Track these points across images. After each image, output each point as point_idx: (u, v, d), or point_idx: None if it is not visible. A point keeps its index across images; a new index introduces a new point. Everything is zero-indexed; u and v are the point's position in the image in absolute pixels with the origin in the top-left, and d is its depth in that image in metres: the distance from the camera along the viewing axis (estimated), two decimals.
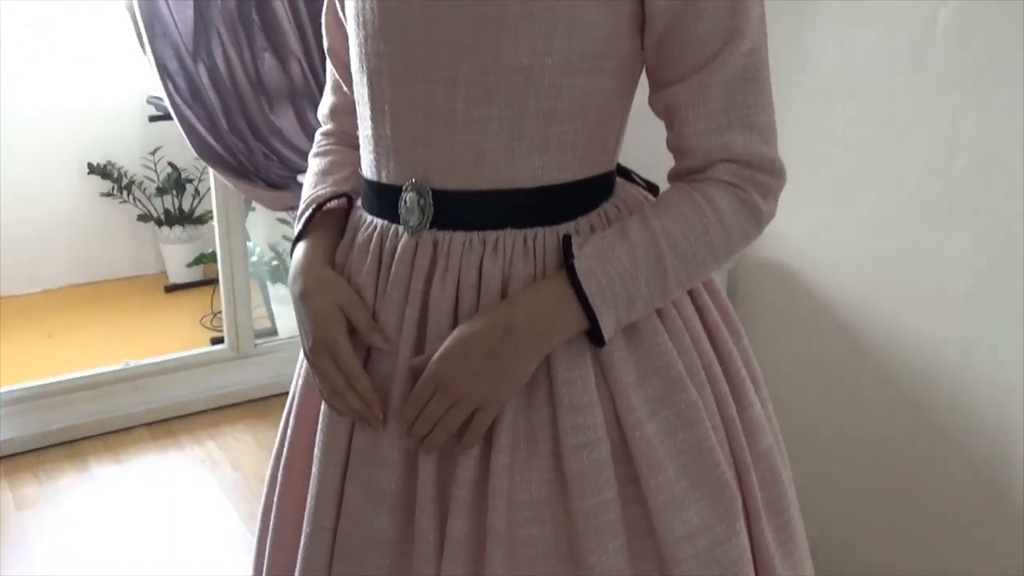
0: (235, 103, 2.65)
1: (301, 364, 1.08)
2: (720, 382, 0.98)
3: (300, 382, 1.07)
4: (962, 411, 1.64)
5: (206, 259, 4.02)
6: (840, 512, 1.89)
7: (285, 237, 3.45)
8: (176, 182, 4.13)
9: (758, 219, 0.91)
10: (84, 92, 4.03)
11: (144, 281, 4.33)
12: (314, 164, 1.10)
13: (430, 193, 0.91)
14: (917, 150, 1.62)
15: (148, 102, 3.76)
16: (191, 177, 4.15)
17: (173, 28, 2.52)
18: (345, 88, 1.10)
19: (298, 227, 1.02)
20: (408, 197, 0.92)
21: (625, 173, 1.02)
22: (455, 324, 0.90)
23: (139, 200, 4.17)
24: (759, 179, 0.89)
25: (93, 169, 4.07)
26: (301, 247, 1.00)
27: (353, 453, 0.96)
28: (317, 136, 1.14)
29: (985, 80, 1.50)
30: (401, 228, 0.94)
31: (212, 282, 3.83)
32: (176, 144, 3.38)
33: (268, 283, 3.40)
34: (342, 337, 0.93)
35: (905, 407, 1.74)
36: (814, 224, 1.83)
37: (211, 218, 3.77)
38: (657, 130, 0.95)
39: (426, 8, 0.87)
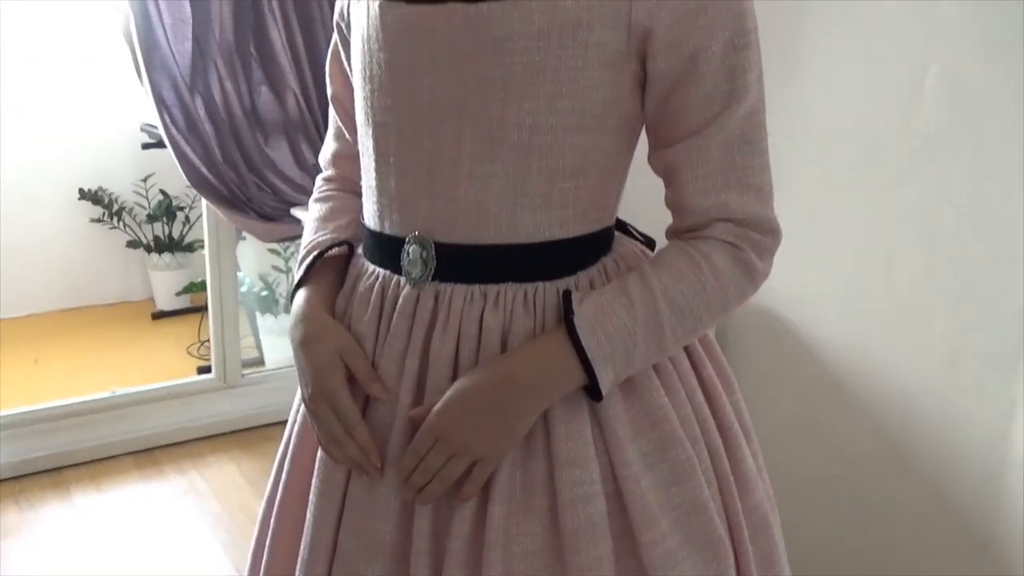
0: (230, 135, 2.67)
1: (298, 407, 1.08)
2: (714, 436, 0.99)
3: (296, 427, 1.07)
4: (947, 460, 1.66)
5: (196, 288, 4.01)
6: (828, 560, 1.90)
7: (275, 267, 3.46)
8: (167, 209, 4.13)
9: (754, 278, 0.92)
10: (79, 118, 4.04)
11: (131, 307, 4.32)
12: (315, 209, 1.11)
13: (433, 246, 0.92)
14: (905, 205, 1.65)
15: (142, 129, 3.77)
16: (182, 205, 4.15)
17: (171, 60, 2.54)
18: (347, 135, 1.12)
19: (299, 274, 1.03)
20: (411, 250, 0.93)
21: (623, 227, 1.03)
22: (455, 376, 0.91)
23: (129, 226, 4.17)
24: (755, 238, 0.91)
25: (84, 195, 4.07)
26: (302, 294, 1.00)
27: (348, 502, 0.97)
28: (318, 181, 1.16)
29: (972, 139, 1.53)
30: (403, 279, 0.95)
31: (199, 310, 3.82)
32: (168, 171, 3.39)
33: (257, 313, 3.40)
34: (342, 386, 0.94)
35: (892, 456, 1.76)
36: (804, 274, 1.86)
37: (200, 246, 3.77)
38: (654, 187, 0.97)
39: (433, 67, 0.88)
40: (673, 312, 0.89)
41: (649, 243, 1.03)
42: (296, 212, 2.68)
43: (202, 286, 3.45)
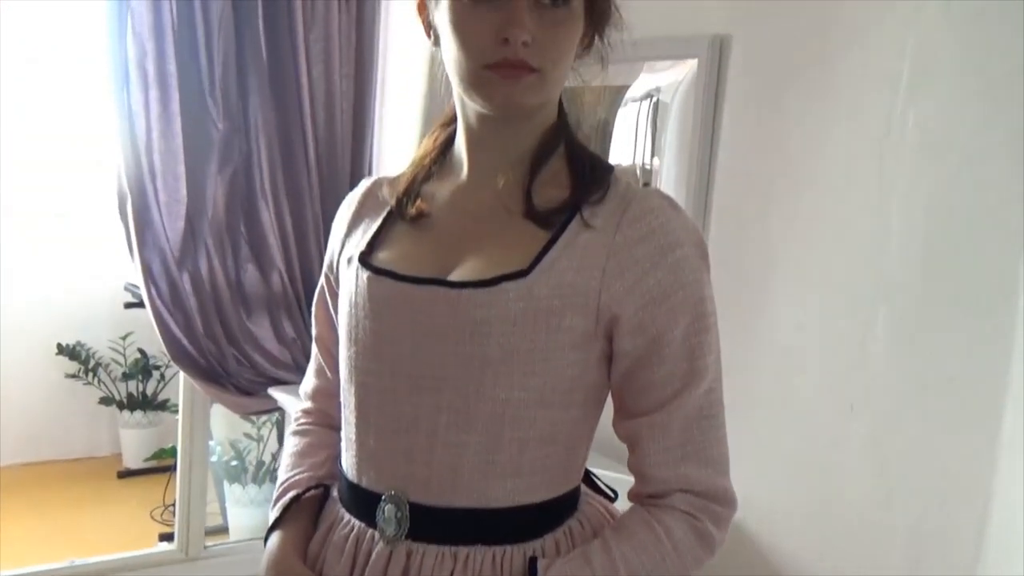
0: (213, 308, 2.72)
1: None
2: None
3: None
4: None
5: (166, 454, 3.98)
6: None
7: (246, 434, 3.45)
8: (143, 368, 4.15)
9: (711, 546, 0.97)
10: (64, 274, 4.10)
11: (97, 464, 4.27)
12: (291, 443, 1.15)
13: (407, 506, 0.96)
14: (855, 439, 1.71)
15: (126, 289, 3.83)
16: (159, 364, 4.17)
17: (163, 237, 2.62)
18: (328, 372, 1.17)
19: (275, 515, 1.06)
20: (387, 508, 0.97)
21: (588, 477, 1.08)
22: None
23: (104, 383, 4.17)
24: (713, 509, 0.96)
25: (62, 350, 4.09)
26: (275, 538, 1.03)
27: None
28: (297, 413, 1.20)
29: (915, 379, 1.61)
30: (377, 534, 0.98)
31: (167, 469, 3.79)
32: (147, 330, 3.40)
33: (225, 482, 3.37)
34: None
35: None
36: (770, 489, 1.90)
37: (173, 406, 3.77)
38: None
39: (415, 341, 0.95)
40: None
41: (613, 497, 1.08)
42: (273, 392, 2.71)
43: (172, 452, 3.44)
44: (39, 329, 4.10)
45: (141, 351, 4.16)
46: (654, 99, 2.19)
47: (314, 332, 1.18)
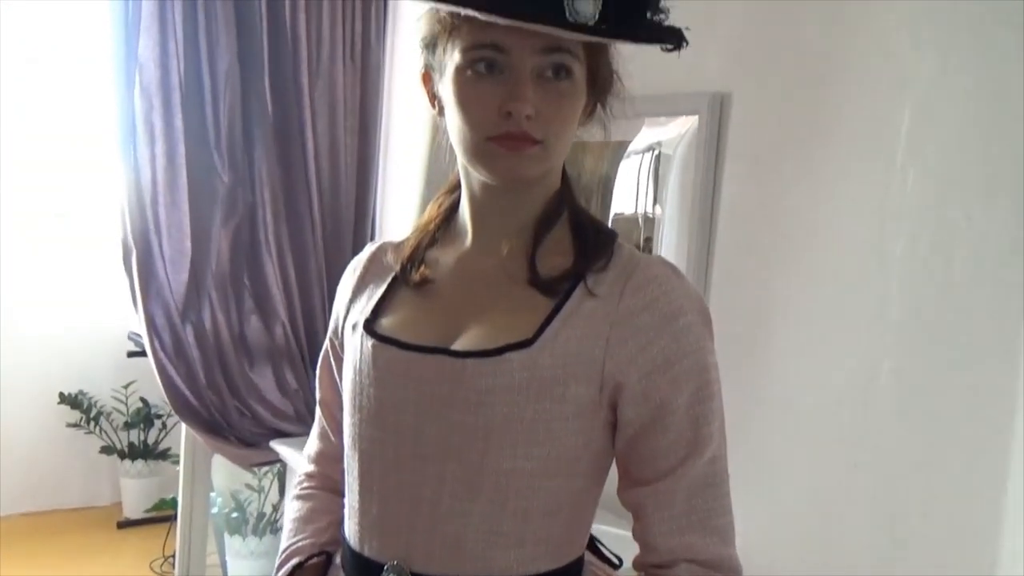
0: (216, 360, 2.73)
1: None
2: None
3: None
4: None
5: (166, 505, 3.96)
6: None
7: (247, 485, 3.44)
8: (145, 417, 4.14)
9: None
10: (67, 323, 4.11)
11: (97, 514, 4.23)
12: (294, 507, 1.15)
13: None
14: (859, 490, 1.70)
15: (129, 337, 3.84)
16: (160, 413, 4.16)
17: (167, 289, 2.64)
18: (331, 436, 1.17)
19: None
20: None
21: (592, 543, 1.07)
22: None
23: (105, 431, 4.16)
24: None
25: (64, 399, 4.08)
26: None
27: None
28: (300, 476, 1.20)
29: (921, 430, 1.60)
30: None
31: (167, 520, 3.76)
32: (150, 378, 3.41)
33: (225, 534, 3.35)
34: None
35: None
36: (775, 547, 1.88)
37: (174, 455, 3.76)
38: None
39: (420, 410, 0.95)
40: None
41: (617, 564, 1.07)
42: (275, 445, 2.70)
43: (172, 503, 3.42)
44: (41, 378, 4.09)
45: (143, 400, 4.15)
46: (656, 152, 2.21)
47: (318, 395, 1.19)
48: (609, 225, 2.18)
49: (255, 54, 2.61)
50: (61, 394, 4.09)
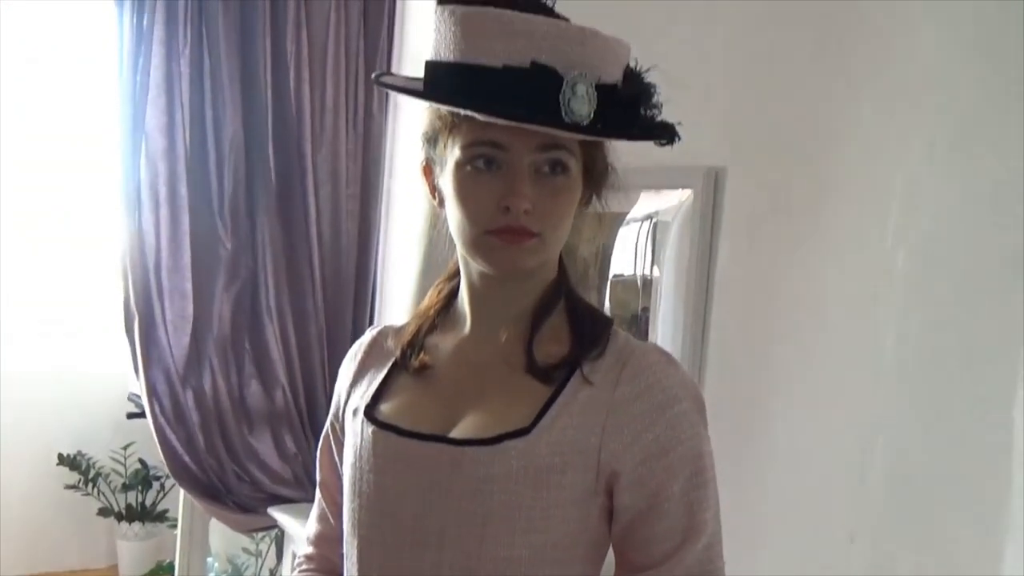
0: (215, 424, 2.74)
1: None
2: None
3: None
4: None
5: (163, 570, 3.92)
6: None
7: (244, 549, 3.42)
8: (143, 479, 4.12)
9: None
10: (68, 384, 4.12)
11: None
12: None
13: None
14: (856, 570, 1.70)
15: (128, 399, 3.84)
16: (159, 474, 4.15)
17: (168, 355, 2.66)
18: (331, 519, 1.18)
19: None
20: None
21: None
22: None
23: (103, 493, 4.14)
24: None
25: (63, 460, 4.07)
26: None
27: None
28: (300, 557, 1.21)
29: (912, 509, 1.61)
30: None
31: None
32: (149, 439, 3.41)
33: None
34: None
35: None
36: None
37: (172, 518, 3.73)
38: None
39: (418, 497, 0.97)
40: None
41: None
42: (273, 512, 2.70)
43: (169, 568, 3.40)
44: (40, 438, 4.09)
45: (142, 460, 4.14)
46: (654, 220, 2.25)
47: (318, 477, 1.20)
48: (608, 285, 2.24)
49: (260, 123, 2.66)
50: (60, 455, 4.08)
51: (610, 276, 2.26)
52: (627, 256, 2.25)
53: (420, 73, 1.01)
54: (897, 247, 1.63)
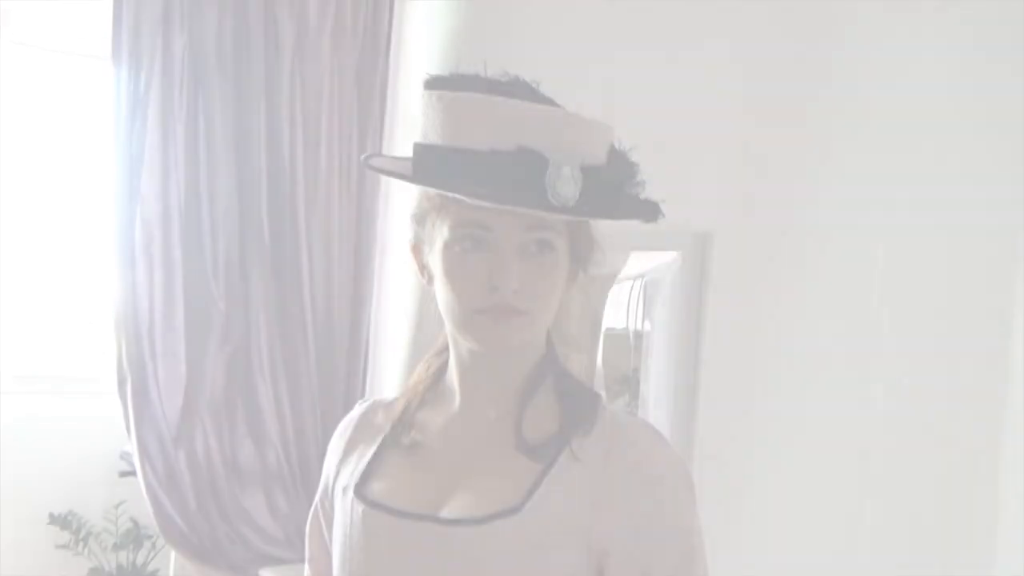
0: (207, 486, 2.73)
1: None
2: None
3: None
4: None
5: None
6: None
7: None
8: (135, 538, 4.08)
9: None
10: (58, 443, 4.09)
11: None
12: None
13: None
14: None
15: (121, 457, 3.82)
16: (151, 533, 4.11)
17: (160, 416, 2.66)
18: None
19: None
20: None
21: None
22: None
23: (94, 553, 4.09)
24: None
25: (54, 519, 4.03)
26: None
27: None
28: None
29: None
30: None
31: None
32: (141, 499, 3.39)
33: None
34: None
35: None
36: None
37: None
38: None
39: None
40: None
41: None
42: (264, 573, 2.68)
43: None
44: (31, 497, 4.05)
45: (133, 520, 4.10)
46: (644, 279, 2.28)
47: (307, 553, 1.20)
48: (600, 339, 2.26)
49: (254, 186, 2.69)
50: (51, 515, 4.04)
51: (603, 329, 2.29)
52: (619, 314, 2.28)
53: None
54: (882, 306, 1.66)
